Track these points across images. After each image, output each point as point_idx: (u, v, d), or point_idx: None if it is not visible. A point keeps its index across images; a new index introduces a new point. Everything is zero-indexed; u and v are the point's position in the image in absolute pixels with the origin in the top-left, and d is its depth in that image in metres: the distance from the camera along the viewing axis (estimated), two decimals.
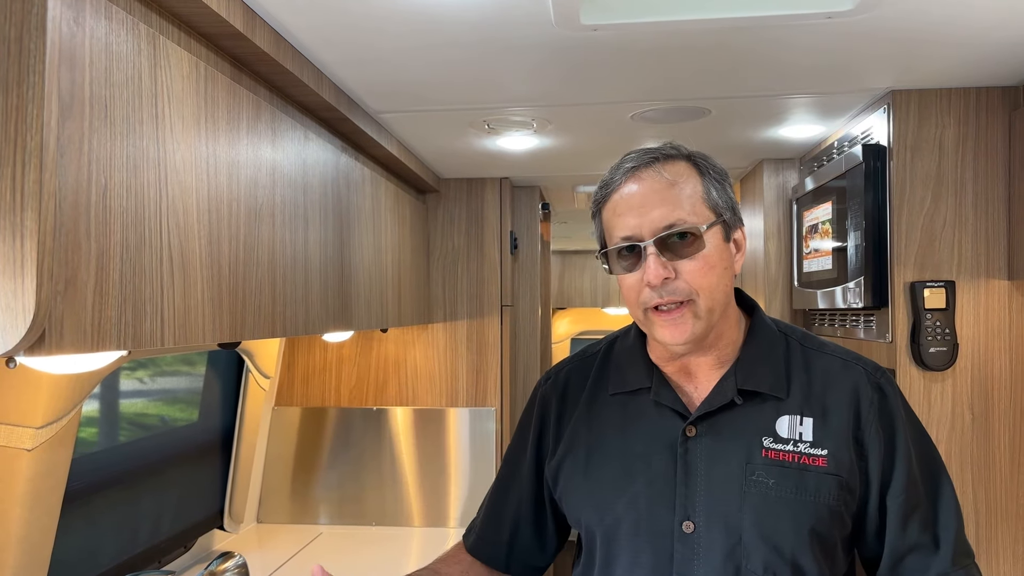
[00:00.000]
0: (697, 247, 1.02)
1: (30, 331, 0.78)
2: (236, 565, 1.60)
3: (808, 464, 1.03)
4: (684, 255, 1.02)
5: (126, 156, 0.95)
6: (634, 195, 1.04)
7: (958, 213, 1.78)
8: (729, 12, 1.32)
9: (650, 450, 1.08)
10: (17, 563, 1.43)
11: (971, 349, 1.76)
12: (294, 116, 1.54)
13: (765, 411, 1.06)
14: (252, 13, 1.24)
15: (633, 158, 1.07)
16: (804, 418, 1.05)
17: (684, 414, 1.08)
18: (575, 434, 1.17)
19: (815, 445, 1.03)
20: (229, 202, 1.21)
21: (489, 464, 2.67)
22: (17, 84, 0.79)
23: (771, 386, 1.06)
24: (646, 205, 1.03)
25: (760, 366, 1.08)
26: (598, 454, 1.12)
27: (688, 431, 1.07)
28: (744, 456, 1.04)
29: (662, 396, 1.10)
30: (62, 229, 0.83)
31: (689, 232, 1.02)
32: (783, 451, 1.04)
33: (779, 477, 1.03)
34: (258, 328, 1.31)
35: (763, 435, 1.05)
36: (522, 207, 2.97)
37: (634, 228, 1.02)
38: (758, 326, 1.12)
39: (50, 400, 1.39)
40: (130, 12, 1.01)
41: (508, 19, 1.33)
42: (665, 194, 1.03)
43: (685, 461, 1.05)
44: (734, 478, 1.03)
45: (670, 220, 1.01)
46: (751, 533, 1.01)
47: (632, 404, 1.13)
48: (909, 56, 1.57)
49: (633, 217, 1.03)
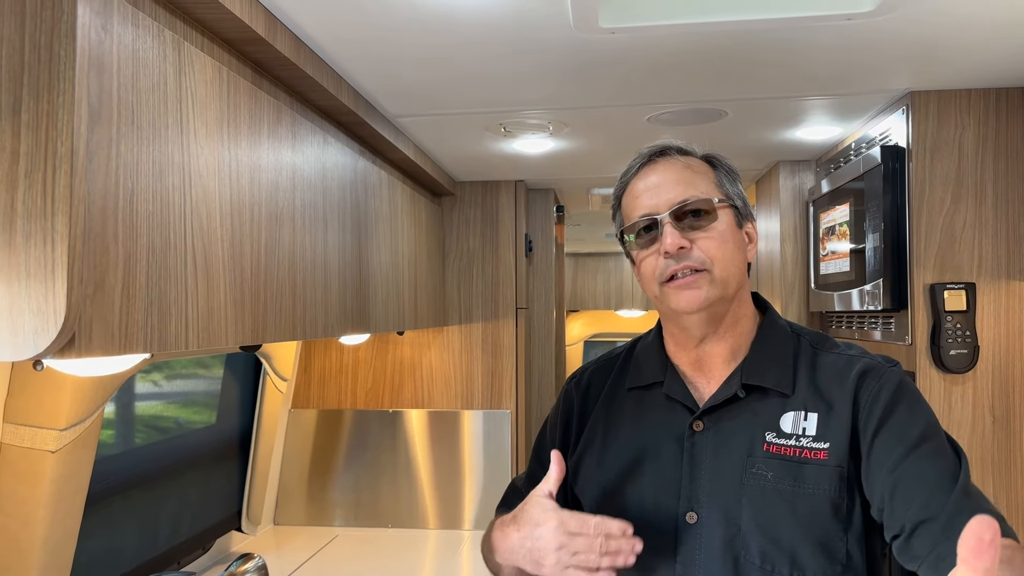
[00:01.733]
0: (711, 220, 1.08)
1: (61, 334, 0.79)
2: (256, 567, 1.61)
3: (808, 458, 1.04)
4: (698, 228, 1.07)
5: (152, 161, 0.96)
6: (651, 179, 1.11)
7: (978, 214, 1.77)
8: (749, 14, 1.32)
9: (659, 443, 1.12)
10: (41, 564, 1.45)
11: (992, 351, 1.75)
12: (313, 120, 1.55)
13: (770, 406, 1.08)
14: (273, 18, 1.25)
15: (650, 148, 1.15)
16: (809, 413, 1.06)
17: (693, 408, 1.11)
18: (594, 429, 1.21)
19: (817, 439, 1.05)
20: (251, 206, 1.22)
21: (504, 466, 2.67)
22: (47, 90, 0.80)
23: (776, 382, 1.08)
24: (662, 186, 1.09)
25: (768, 362, 1.10)
26: (612, 447, 1.16)
27: (695, 425, 1.10)
28: (746, 449, 1.06)
29: (673, 390, 1.13)
30: (91, 233, 0.84)
31: (702, 208, 1.07)
32: (784, 446, 1.06)
33: (778, 470, 1.04)
34: (279, 331, 1.32)
35: (766, 430, 1.07)
36: (537, 210, 2.98)
37: (651, 207, 1.09)
38: (769, 323, 1.15)
39: (73, 402, 1.41)
40: (155, 18, 1.02)
41: (527, 23, 1.34)
42: (680, 175, 1.10)
43: (691, 454, 1.09)
44: (735, 470, 1.06)
45: (685, 196, 1.08)
46: (749, 524, 1.04)
47: (646, 398, 1.17)
48: (929, 57, 1.57)
49: (650, 197, 1.09)
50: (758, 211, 2.87)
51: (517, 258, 2.74)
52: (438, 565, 2.36)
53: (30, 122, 0.80)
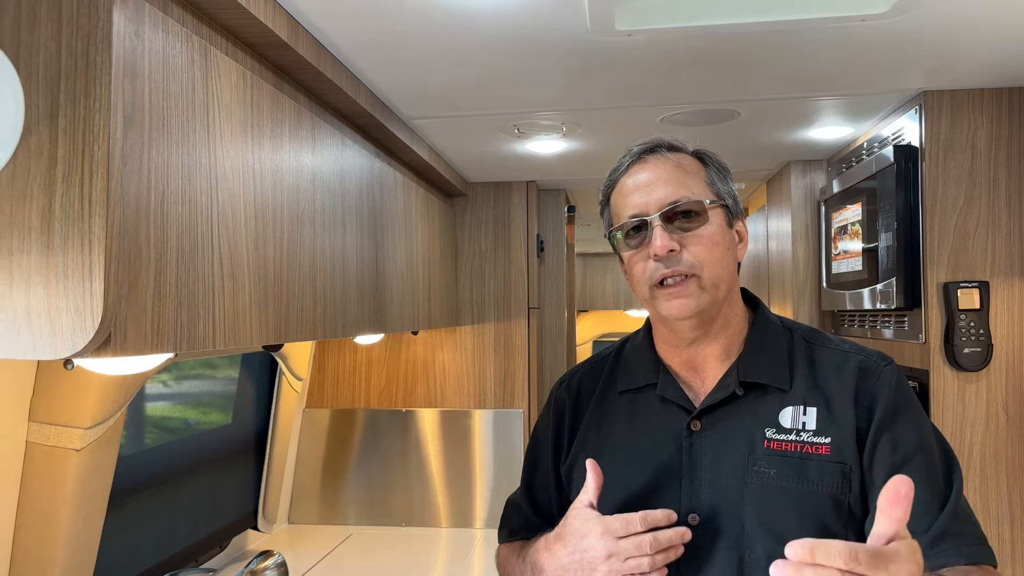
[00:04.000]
0: (700, 222, 1.06)
1: (98, 333, 0.81)
2: (276, 563, 1.63)
3: (810, 453, 1.03)
4: (688, 230, 1.05)
5: (181, 164, 0.99)
6: (641, 177, 1.09)
7: (991, 213, 1.77)
8: (763, 16, 1.33)
9: (656, 445, 1.10)
10: (66, 561, 1.47)
11: (1006, 349, 1.76)
12: (332, 123, 1.57)
13: (768, 403, 1.07)
14: (295, 23, 1.27)
15: (640, 145, 1.12)
16: (807, 408, 1.05)
17: (689, 409, 1.09)
18: (586, 434, 1.18)
19: (818, 434, 1.04)
20: (274, 207, 1.24)
21: (516, 466, 2.67)
22: (84, 96, 0.83)
23: (773, 377, 1.07)
24: (652, 184, 1.07)
25: (763, 358, 1.09)
26: (607, 451, 1.14)
27: (693, 425, 1.08)
28: (747, 447, 1.05)
29: (667, 391, 1.11)
30: (125, 235, 0.86)
31: (693, 209, 1.06)
32: (785, 441, 1.04)
33: (780, 467, 1.03)
34: (301, 330, 1.34)
35: (766, 426, 1.06)
36: (548, 210, 2.99)
37: (640, 206, 1.07)
38: (761, 320, 1.14)
39: (98, 401, 1.43)
40: (184, 24, 1.04)
41: (544, 26, 1.35)
42: (670, 174, 1.07)
43: (690, 455, 1.07)
44: (736, 469, 1.04)
45: (675, 197, 1.05)
46: (753, 523, 1.02)
47: (639, 401, 1.15)
48: (942, 57, 1.58)
49: (640, 196, 1.07)
50: (769, 210, 2.88)
51: (529, 258, 2.76)
52: (451, 564, 2.38)
53: (67, 127, 0.82)
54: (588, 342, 5.82)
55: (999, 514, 1.76)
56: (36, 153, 0.83)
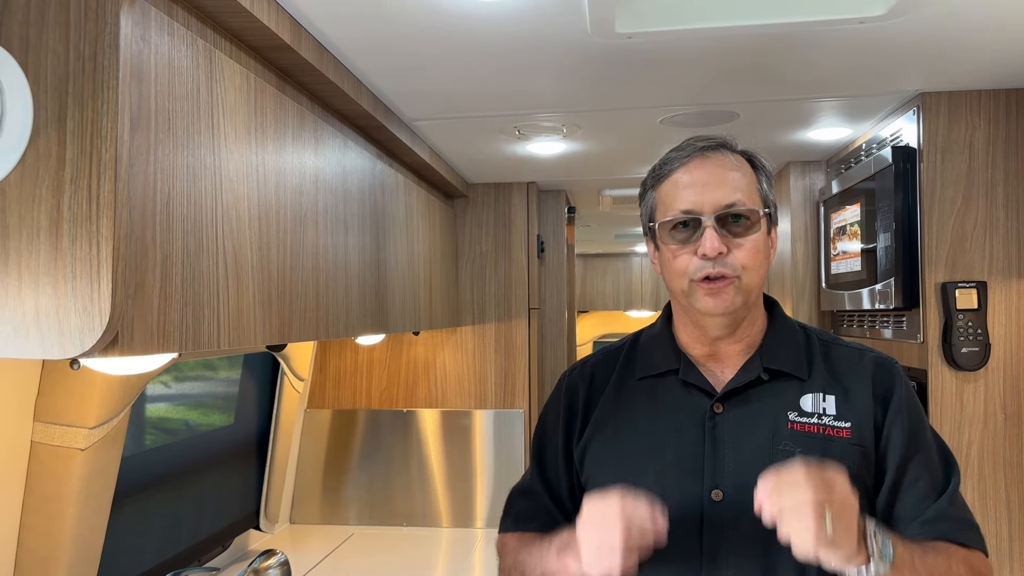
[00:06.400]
0: (752, 229, 1.08)
1: (105, 333, 0.82)
2: (279, 563, 1.64)
3: (833, 435, 1.08)
4: (738, 234, 1.08)
5: (186, 166, 1.00)
6: (698, 173, 1.09)
7: (989, 214, 1.79)
8: (764, 19, 1.34)
9: (678, 426, 1.13)
10: (70, 560, 1.48)
11: (1003, 349, 1.77)
12: (334, 125, 1.58)
13: (790, 389, 1.11)
14: (298, 26, 1.28)
15: (700, 140, 1.13)
16: (827, 395, 1.10)
17: (711, 392, 1.12)
18: (603, 417, 1.20)
19: (839, 418, 1.09)
20: (277, 209, 1.25)
21: (517, 465, 2.70)
22: (92, 99, 0.84)
23: (794, 367, 1.12)
24: (709, 184, 1.08)
25: (783, 349, 1.14)
26: (627, 434, 1.16)
27: (716, 407, 1.12)
28: (771, 428, 1.09)
29: (690, 376, 1.14)
30: (132, 236, 0.87)
31: (746, 215, 1.08)
32: (808, 423, 1.09)
33: (806, 447, 1.07)
34: (304, 331, 1.35)
35: (788, 410, 1.10)
36: (548, 211, 3.01)
37: (695, 204, 1.07)
38: (779, 317, 1.19)
39: (102, 401, 1.44)
40: (188, 28, 1.05)
41: (544, 28, 1.36)
42: (728, 176, 1.09)
43: (713, 435, 1.10)
44: (762, 448, 1.08)
45: (731, 200, 1.07)
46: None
47: (660, 386, 1.17)
48: (940, 59, 1.59)
49: (695, 193, 1.08)
50: None
51: (529, 259, 2.77)
52: (452, 563, 2.39)
53: (75, 129, 0.83)
54: (588, 343, 5.83)
55: (997, 513, 1.77)
56: (45, 155, 0.84)
